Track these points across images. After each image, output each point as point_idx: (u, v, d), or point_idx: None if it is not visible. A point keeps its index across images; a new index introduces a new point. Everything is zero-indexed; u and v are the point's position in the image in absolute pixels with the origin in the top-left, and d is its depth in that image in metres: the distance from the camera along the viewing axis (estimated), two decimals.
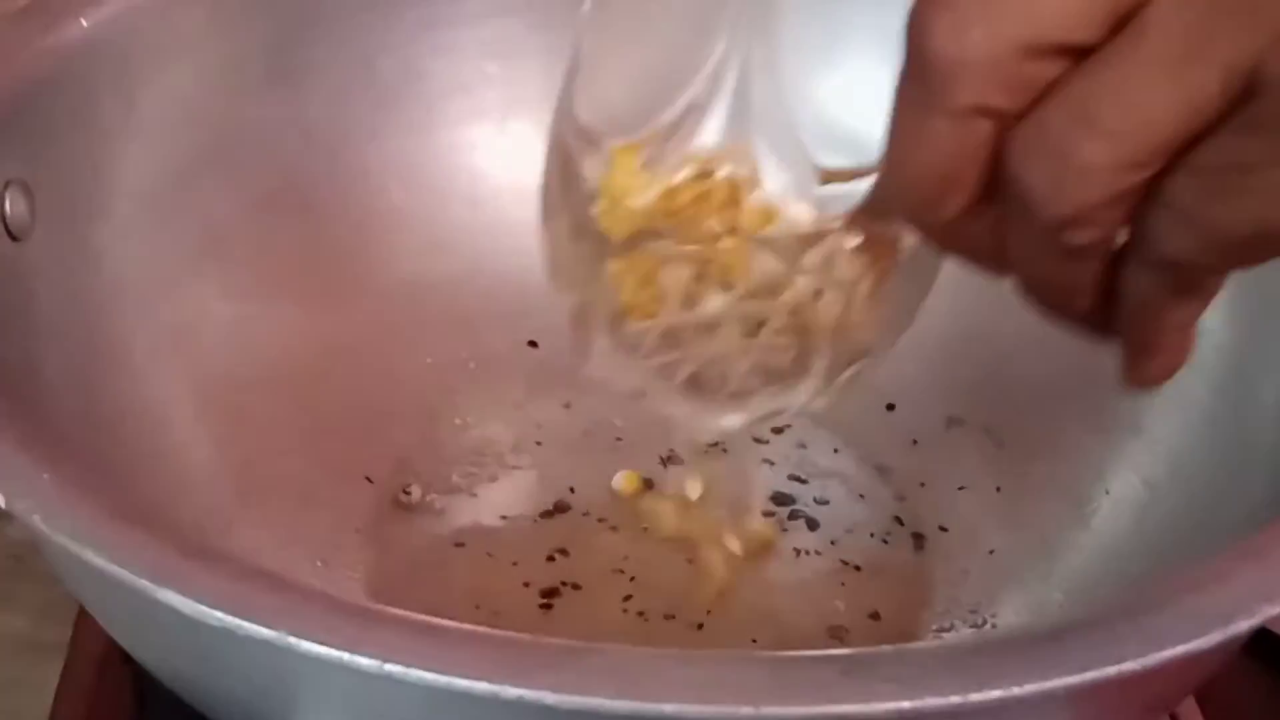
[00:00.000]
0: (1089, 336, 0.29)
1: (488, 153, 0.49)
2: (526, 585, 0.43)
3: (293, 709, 0.29)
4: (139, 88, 0.42)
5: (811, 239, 0.33)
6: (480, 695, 0.25)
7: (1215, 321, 0.41)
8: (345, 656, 0.25)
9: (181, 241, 0.43)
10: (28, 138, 0.39)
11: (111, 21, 0.41)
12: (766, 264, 0.34)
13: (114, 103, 0.41)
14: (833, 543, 0.45)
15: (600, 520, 0.45)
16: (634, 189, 0.33)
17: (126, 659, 0.34)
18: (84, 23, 0.41)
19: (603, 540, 0.44)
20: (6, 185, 0.37)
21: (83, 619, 0.42)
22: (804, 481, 0.46)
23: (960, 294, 0.47)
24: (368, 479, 0.45)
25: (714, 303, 0.34)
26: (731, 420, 0.36)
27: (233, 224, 0.44)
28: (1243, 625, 0.27)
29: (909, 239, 0.34)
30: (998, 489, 0.45)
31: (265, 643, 0.26)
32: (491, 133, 0.49)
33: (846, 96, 0.34)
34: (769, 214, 0.33)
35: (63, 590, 0.36)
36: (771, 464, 0.47)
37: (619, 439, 0.47)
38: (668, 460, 0.46)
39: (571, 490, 0.46)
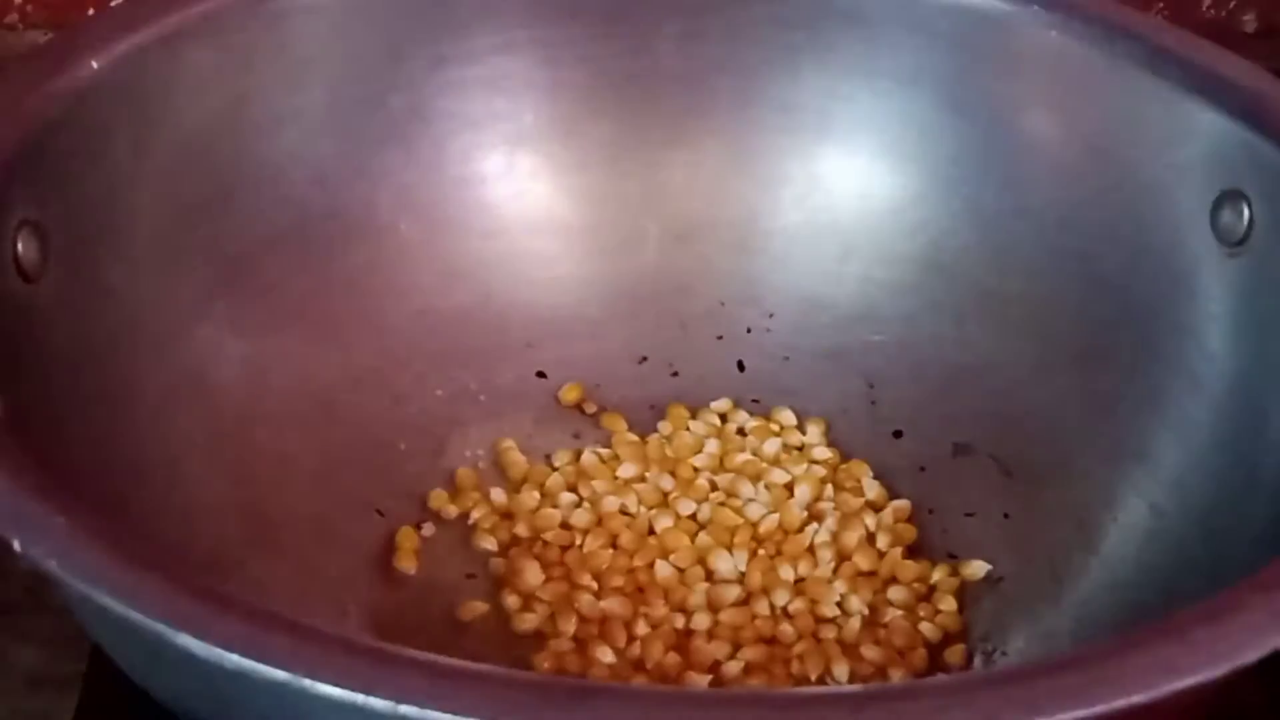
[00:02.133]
0: None
1: (496, 186, 0.49)
2: None
3: None
4: (149, 128, 0.42)
5: None
6: None
7: (1221, 348, 0.41)
8: (360, 698, 0.26)
9: (192, 279, 0.43)
10: (39, 179, 0.39)
11: (121, 62, 0.41)
12: None
13: (124, 143, 0.41)
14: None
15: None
16: None
17: (142, 693, 0.35)
18: (94, 64, 0.41)
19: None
20: (19, 227, 0.37)
21: (97, 653, 0.42)
22: None
23: (967, 322, 0.48)
24: (379, 512, 0.45)
25: None
26: None
27: (244, 262, 0.44)
28: (1251, 657, 0.28)
29: None
30: (1005, 516, 0.45)
31: (280, 684, 0.26)
32: (499, 167, 0.49)
33: None
34: None
35: (77, 623, 0.36)
36: None
37: None
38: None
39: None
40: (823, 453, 0.47)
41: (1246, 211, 0.41)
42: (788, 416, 0.48)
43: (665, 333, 0.50)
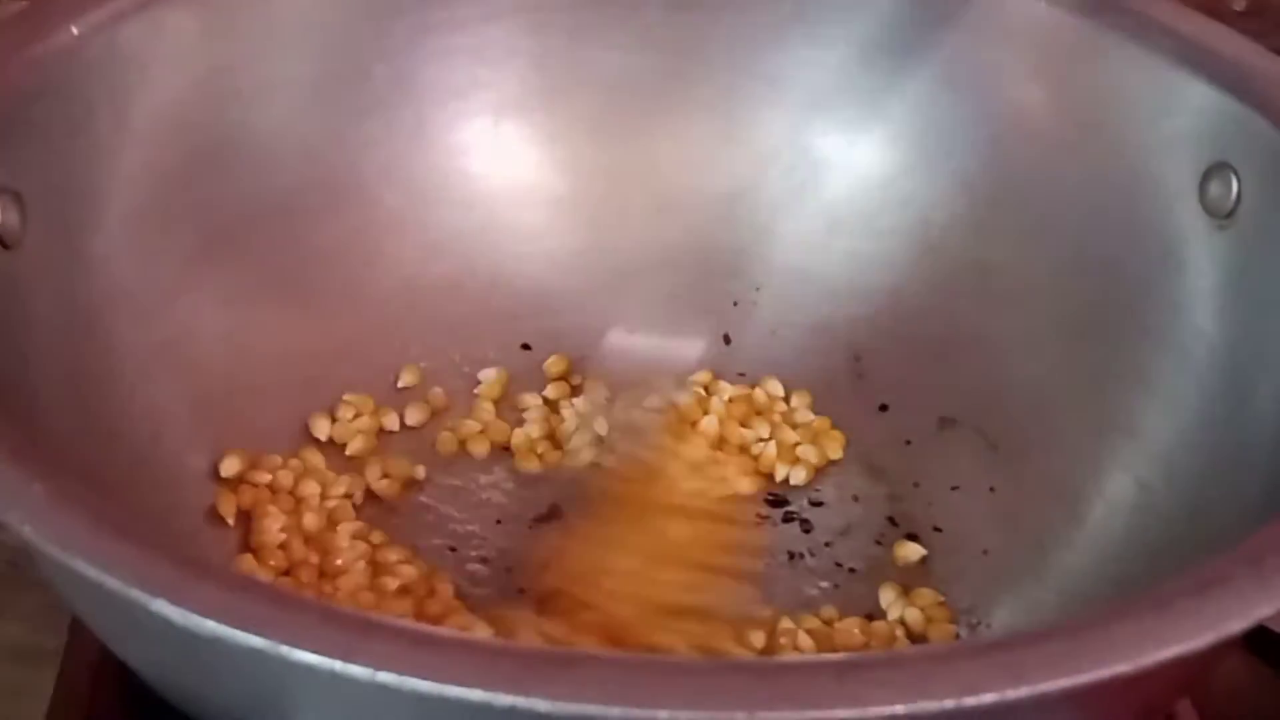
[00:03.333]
0: None
1: (480, 156, 0.49)
2: (521, 592, 0.43)
3: (287, 717, 0.29)
4: (130, 96, 0.42)
5: None
6: (474, 703, 0.25)
7: (1208, 322, 0.41)
8: (338, 666, 0.25)
9: (174, 249, 0.43)
10: (18, 147, 0.38)
11: (102, 30, 0.41)
12: None
13: (105, 111, 0.41)
14: (827, 544, 0.45)
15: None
16: None
17: (122, 666, 0.34)
18: (75, 31, 0.40)
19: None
20: None
21: (77, 626, 0.42)
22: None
23: (954, 295, 0.48)
24: None
25: None
26: None
27: (225, 231, 0.44)
28: (1236, 628, 0.28)
29: None
30: (991, 489, 0.45)
31: (257, 652, 0.26)
32: (484, 136, 0.49)
33: None
34: None
35: (58, 597, 0.36)
36: None
37: None
38: None
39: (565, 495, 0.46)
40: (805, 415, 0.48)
41: (1235, 184, 0.41)
42: (775, 386, 0.48)
43: (651, 306, 0.50)
